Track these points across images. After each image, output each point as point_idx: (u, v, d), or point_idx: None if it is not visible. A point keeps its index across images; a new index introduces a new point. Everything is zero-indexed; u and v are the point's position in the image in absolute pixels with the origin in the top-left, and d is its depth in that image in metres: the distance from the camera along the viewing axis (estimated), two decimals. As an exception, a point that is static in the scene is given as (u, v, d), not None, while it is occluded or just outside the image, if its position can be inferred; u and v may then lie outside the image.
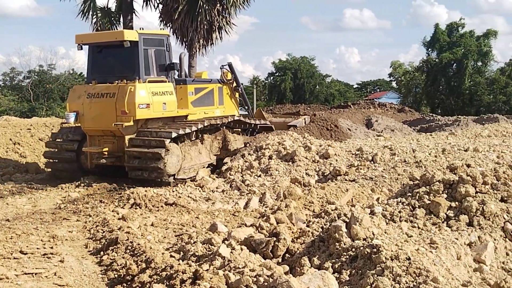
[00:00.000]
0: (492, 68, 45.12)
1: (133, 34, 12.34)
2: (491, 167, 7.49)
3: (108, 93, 12.23)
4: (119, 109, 11.92)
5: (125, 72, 12.45)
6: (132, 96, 11.81)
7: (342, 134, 17.16)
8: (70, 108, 12.78)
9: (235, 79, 15.76)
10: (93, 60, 13.21)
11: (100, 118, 12.22)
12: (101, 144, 12.56)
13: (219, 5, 24.44)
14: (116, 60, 12.97)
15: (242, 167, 11.47)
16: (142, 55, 12.47)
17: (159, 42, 13.08)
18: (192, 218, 8.06)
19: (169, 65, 13.14)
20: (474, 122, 20.05)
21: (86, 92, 12.58)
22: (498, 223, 5.34)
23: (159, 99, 12.45)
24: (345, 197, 8.14)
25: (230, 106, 15.44)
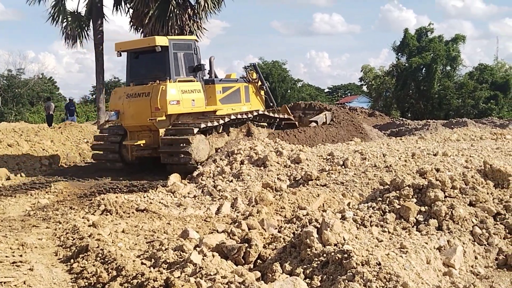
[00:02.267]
0: (460, 72, 45.79)
1: (163, 40, 14.13)
2: (460, 171, 7.59)
3: (143, 93, 13.94)
4: (153, 106, 13.62)
5: (158, 74, 14.14)
6: (164, 94, 13.54)
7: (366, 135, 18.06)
8: (112, 108, 14.73)
9: (259, 78, 17.46)
10: (131, 65, 15.05)
11: (137, 115, 13.96)
12: (139, 138, 14.28)
13: (190, 9, 24.41)
14: (150, 63, 14.64)
15: (214, 172, 11.44)
16: (172, 58, 14.21)
17: (187, 46, 14.85)
18: (163, 224, 8.00)
19: (197, 66, 14.84)
20: (443, 126, 20.31)
21: (125, 93, 14.38)
22: (466, 227, 5.42)
23: (188, 96, 14.23)
24: (316, 202, 8.17)
25: (256, 103, 17.10)
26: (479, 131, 18.09)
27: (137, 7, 23.95)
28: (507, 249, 5.14)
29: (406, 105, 45.46)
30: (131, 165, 14.66)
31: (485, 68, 45.16)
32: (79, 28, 26.48)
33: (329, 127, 16.92)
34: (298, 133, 15.74)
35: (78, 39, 26.73)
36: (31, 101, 46.58)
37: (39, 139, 18.21)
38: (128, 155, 14.67)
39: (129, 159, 14.70)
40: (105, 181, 12.94)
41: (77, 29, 26.40)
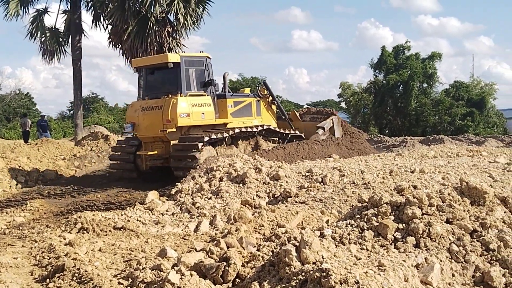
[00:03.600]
0: (437, 89, 46.50)
1: (175, 57, 15.32)
2: (437, 188, 7.66)
3: (156, 106, 15.03)
4: (164, 119, 14.67)
5: (171, 88, 15.19)
6: (175, 107, 14.57)
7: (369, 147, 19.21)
8: (128, 120, 15.97)
9: (270, 94, 18.34)
10: (146, 80, 16.29)
11: (150, 127, 15.06)
12: (152, 149, 15.40)
13: (169, 26, 24.47)
14: (164, 78, 15.77)
15: (193, 189, 11.39)
16: (184, 74, 15.18)
17: (199, 63, 15.85)
18: (141, 242, 7.92)
19: (207, 82, 15.84)
20: (421, 143, 20.55)
21: (141, 106, 15.56)
22: (444, 245, 5.45)
23: (198, 110, 15.20)
24: (295, 219, 8.17)
25: (267, 117, 18.08)
26: (455, 148, 18.29)
27: (115, 23, 23.96)
28: (484, 266, 5.17)
29: (384, 121, 45.93)
30: (145, 174, 15.68)
31: (461, 85, 45.88)
32: (56, 44, 26.36)
33: (312, 144, 16.95)
34: (277, 150, 15.81)
35: (55, 55, 26.61)
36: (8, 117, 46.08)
37: (15, 156, 17.99)
38: (142, 164, 15.72)
39: (143, 169, 15.70)
40: (82, 198, 12.82)
41: (55, 45, 26.28)
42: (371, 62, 47.36)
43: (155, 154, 15.21)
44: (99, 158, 20.18)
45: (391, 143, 22.74)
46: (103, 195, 13.24)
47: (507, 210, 6.10)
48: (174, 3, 24.10)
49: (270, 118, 18.25)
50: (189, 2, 25.12)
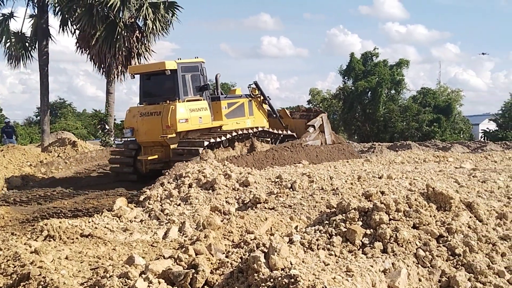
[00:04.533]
0: (404, 96, 47.22)
1: (172, 64, 15.57)
2: (404, 194, 7.74)
3: (155, 112, 15.58)
4: (164, 124, 15.26)
5: (168, 94, 15.71)
6: (174, 113, 15.15)
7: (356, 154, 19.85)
8: (127, 125, 16.38)
9: (261, 94, 18.96)
10: (144, 86, 16.61)
11: (150, 132, 15.63)
12: (152, 153, 15.94)
13: (138, 31, 24.33)
14: (161, 85, 16.15)
15: (161, 196, 11.30)
16: (181, 80, 15.71)
17: (195, 68, 16.41)
18: (108, 250, 7.81)
19: (203, 86, 16.45)
20: (388, 149, 20.77)
21: (139, 112, 15.99)
22: (410, 250, 5.51)
23: (195, 114, 15.85)
24: (264, 226, 8.16)
25: (259, 116, 18.81)
26: (422, 154, 18.54)
27: (83, 28, 23.76)
28: (450, 271, 5.24)
29: (353, 127, 46.40)
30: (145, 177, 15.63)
31: (428, 92, 46.63)
32: (23, 49, 25.99)
33: (283, 150, 17.05)
34: (246, 156, 15.84)
35: (22, 60, 26.24)
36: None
37: (-20, 162, 17.64)
38: (142, 168, 16.24)
39: (143, 172, 16.15)
40: (48, 205, 12.62)
41: (21, 50, 25.92)
42: (340, 69, 47.89)
43: (155, 159, 15.75)
44: (66, 165, 19.88)
45: (359, 149, 22.93)
46: (70, 202, 13.04)
47: (473, 215, 6.21)
48: (143, 9, 24.02)
49: (262, 117, 18.99)
50: (158, 8, 25.05)
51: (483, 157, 17.27)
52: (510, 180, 11.04)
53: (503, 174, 12.01)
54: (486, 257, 5.47)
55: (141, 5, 24.61)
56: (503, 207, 7.12)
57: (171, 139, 15.43)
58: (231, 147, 16.60)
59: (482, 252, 5.53)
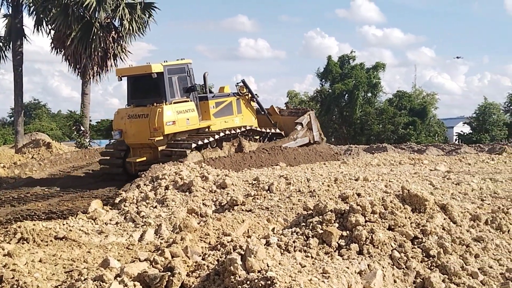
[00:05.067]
0: (381, 99, 47.67)
1: (158, 67, 15.64)
2: (380, 196, 7.79)
3: (143, 114, 15.68)
4: (151, 127, 15.40)
5: (155, 97, 15.74)
6: (161, 116, 15.27)
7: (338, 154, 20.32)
8: (115, 127, 16.44)
9: (249, 92, 19.15)
10: (131, 88, 16.62)
11: (138, 134, 15.76)
12: (141, 154, 16.10)
13: (114, 32, 24.15)
14: (148, 87, 16.12)
15: (137, 198, 11.21)
16: (167, 83, 15.82)
17: (181, 70, 16.52)
18: (83, 253, 7.72)
19: (190, 88, 16.59)
20: (365, 151, 20.90)
21: (127, 114, 16.04)
22: (386, 251, 5.54)
23: (183, 116, 15.98)
24: (241, 228, 8.15)
25: (248, 114, 19.04)
26: (398, 156, 18.71)
27: (59, 28, 23.53)
28: (424, 272, 5.29)
29: (330, 130, 46.57)
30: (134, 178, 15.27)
31: (404, 95, 47.09)
32: (-4, 48, 25.66)
33: (260, 152, 17.06)
34: (224, 158, 15.82)
35: (-5, 60, 25.89)
36: None
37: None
38: (132, 169, 16.24)
39: (132, 173, 15.93)
40: (22, 207, 12.45)
41: (-5, 50, 25.57)
42: (317, 71, 48.13)
43: (144, 161, 15.81)
44: (40, 166, 19.64)
45: (336, 151, 23.01)
46: (44, 204, 12.88)
47: (447, 217, 6.27)
48: (119, 9, 23.85)
49: (250, 115, 19.25)
50: (135, 8, 24.90)
51: (458, 159, 17.50)
52: (483, 182, 11.21)
53: (477, 176, 12.19)
54: (460, 259, 5.54)
55: (118, 5, 24.44)
56: (476, 209, 7.22)
57: (159, 141, 15.57)
58: (219, 147, 16.79)
59: (456, 254, 5.59)
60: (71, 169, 19.42)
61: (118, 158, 16.74)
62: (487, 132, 46.90)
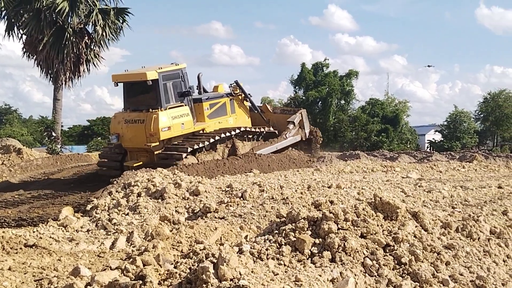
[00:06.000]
0: (354, 106, 48.00)
1: (153, 74, 15.97)
2: (352, 203, 7.83)
3: (139, 120, 16.18)
4: (147, 132, 15.86)
5: (151, 103, 16.24)
6: (156, 122, 15.75)
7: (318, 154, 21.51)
8: (112, 131, 16.96)
9: (242, 92, 19.83)
10: (127, 93, 16.97)
11: (134, 138, 16.27)
12: (138, 158, 16.58)
13: (87, 37, 23.96)
14: (143, 93, 16.58)
15: (109, 205, 11.10)
16: (162, 89, 16.20)
17: (176, 75, 16.90)
18: (53, 260, 7.61)
19: (184, 92, 16.99)
20: (338, 158, 20.98)
21: (124, 118, 16.51)
22: (358, 259, 5.57)
23: (178, 121, 16.46)
24: (214, 235, 8.11)
25: (241, 114, 19.74)
26: (370, 163, 18.84)
27: (30, 33, 23.25)
28: (396, 280, 5.32)
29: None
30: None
31: (377, 102, 47.57)
32: (-34, 52, 25.24)
33: (233, 159, 17.08)
34: (197, 164, 15.77)
35: (-36, 65, 25.49)
36: None
37: None
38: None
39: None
40: None
41: (-36, 54, 25.19)
42: (291, 79, 48.33)
43: (141, 165, 15.96)
44: (10, 173, 19.31)
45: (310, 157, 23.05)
46: (14, 211, 12.66)
47: (418, 224, 6.32)
48: (93, 14, 23.70)
49: (244, 114, 19.97)
50: (108, 14, 24.75)
51: (429, 167, 17.69)
52: (454, 190, 11.35)
53: (448, 184, 12.35)
54: (431, 266, 5.59)
55: (91, 11, 24.27)
56: (447, 216, 7.29)
57: (155, 146, 16.04)
58: (213, 149, 17.35)
59: (427, 261, 5.64)
60: (42, 175, 19.14)
61: (116, 161, 17.14)
62: (458, 140, 47.61)
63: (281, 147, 20.16)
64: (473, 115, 52.88)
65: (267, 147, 19.46)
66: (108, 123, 73.58)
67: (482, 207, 9.59)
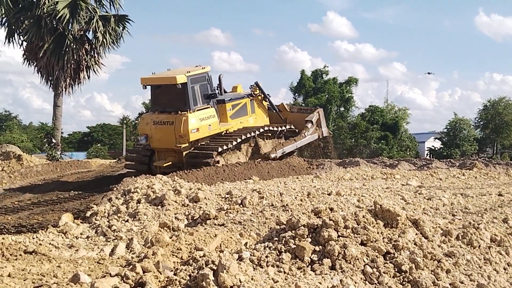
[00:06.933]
0: (353, 113, 48.04)
1: (182, 78, 16.63)
2: (352, 211, 7.83)
3: (168, 121, 16.86)
4: (177, 134, 16.59)
5: (179, 105, 16.89)
6: (186, 124, 16.51)
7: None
8: (141, 132, 17.86)
9: (262, 92, 20.47)
10: (155, 96, 17.70)
11: (163, 139, 16.99)
12: (165, 158, 17.36)
13: (87, 44, 23.99)
14: (171, 95, 17.09)
15: (109, 212, 11.08)
16: (191, 92, 16.90)
17: (202, 78, 17.56)
18: (53, 267, 7.59)
19: (210, 95, 17.73)
20: (337, 166, 20.98)
21: (152, 120, 17.28)
22: (358, 266, 5.55)
23: (205, 123, 17.22)
24: (214, 242, 8.10)
25: (260, 114, 20.52)
26: (370, 170, 18.84)
27: (31, 39, 23.28)
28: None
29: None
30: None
31: (376, 109, 47.60)
32: (-34, 59, 25.30)
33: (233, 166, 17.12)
34: (197, 171, 15.77)
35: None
36: None
37: None
38: (157, 170, 16.84)
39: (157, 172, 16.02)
40: None
41: (-35, 60, 25.22)
42: (291, 85, 48.41)
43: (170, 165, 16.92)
44: (10, 179, 19.30)
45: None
46: (14, 217, 12.65)
47: (419, 232, 6.31)
48: (93, 21, 23.74)
49: (263, 114, 20.71)
50: (109, 21, 24.80)
51: (429, 174, 17.69)
52: (454, 198, 11.34)
53: (448, 191, 12.34)
54: (432, 274, 5.57)
55: (91, 17, 24.33)
56: (448, 224, 7.28)
57: (185, 147, 16.80)
58: (237, 149, 18.19)
59: (427, 269, 5.63)
60: (42, 182, 19.13)
61: (143, 164, 17.79)
62: (458, 147, 47.63)
63: (301, 145, 21.04)
64: (473, 123, 52.97)
65: (289, 145, 20.22)
66: (108, 129, 73.68)
67: (482, 214, 9.58)
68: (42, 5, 23.25)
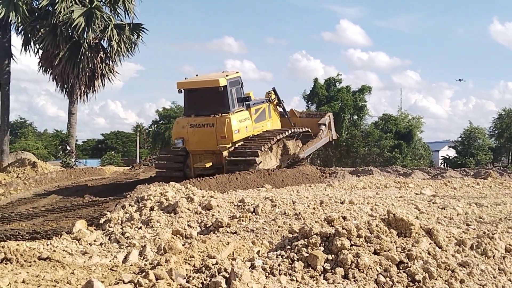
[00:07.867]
0: (367, 121, 47.94)
1: (224, 81, 17.27)
2: (365, 219, 7.80)
3: (207, 124, 17.29)
4: (218, 135, 17.05)
5: (218, 108, 17.37)
6: (229, 125, 17.11)
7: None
8: (176, 136, 18.01)
9: (277, 98, 21.16)
10: (189, 99, 18.10)
11: (202, 142, 17.33)
12: (202, 160, 17.71)
13: (102, 52, 24.17)
14: (210, 99, 17.54)
15: (122, 219, 11.13)
16: (230, 95, 17.55)
17: (237, 82, 18.25)
18: (67, 274, 7.62)
19: (244, 98, 18.49)
20: (350, 174, 20.92)
21: (189, 123, 17.63)
22: (371, 276, 5.54)
23: (243, 125, 18.01)
24: (226, 250, 8.10)
25: (275, 118, 21.29)
26: (383, 179, 18.75)
27: (47, 48, 23.50)
28: (409, 297, 5.28)
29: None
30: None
31: (390, 118, 47.45)
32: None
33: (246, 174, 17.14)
34: (209, 179, 15.79)
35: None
36: None
37: None
38: (191, 173, 17.65)
39: (191, 177, 16.76)
40: (6, 227, 12.30)
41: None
42: (304, 94, 48.43)
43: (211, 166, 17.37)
44: (25, 186, 19.45)
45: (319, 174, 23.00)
46: (28, 224, 12.74)
47: (432, 241, 6.28)
48: (108, 30, 23.92)
49: (277, 118, 21.56)
50: (123, 29, 24.98)
51: (443, 183, 17.57)
52: (469, 207, 11.26)
53: (462, 200, 12.24)
54: (445, 284, 5.54)
55: (106, 26, 24.52)
56: (462, 233, 7.24)
57: (228, 148, 17.32)
58: (269, 150, 18.65)
59: (441, 279, 5.59)
60: (56, 189, 19.26)
61: (178, 169, 18.11)
62: (472, 156, 47.34)
63: (320, 146, 22.07)
64: (488, 132, 52.62)
65: (311, 146, 21.02)
66: (121, 137, 74.13)
67: (497, 224, 9.50)
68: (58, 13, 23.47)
